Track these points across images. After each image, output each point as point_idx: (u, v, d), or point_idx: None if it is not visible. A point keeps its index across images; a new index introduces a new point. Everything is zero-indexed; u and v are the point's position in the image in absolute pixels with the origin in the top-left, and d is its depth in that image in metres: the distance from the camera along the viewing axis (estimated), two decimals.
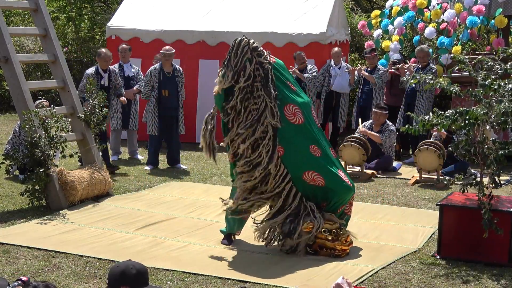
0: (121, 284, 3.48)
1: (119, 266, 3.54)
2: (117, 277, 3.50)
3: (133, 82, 11.10)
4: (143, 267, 3.57)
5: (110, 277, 3.54)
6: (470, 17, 11.17)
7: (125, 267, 3.52)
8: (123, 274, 3.49)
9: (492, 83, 6.60)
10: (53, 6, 19.89)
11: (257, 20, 12.43)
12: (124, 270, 3.50)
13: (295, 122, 6.60)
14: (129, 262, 3.58)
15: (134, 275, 3.49)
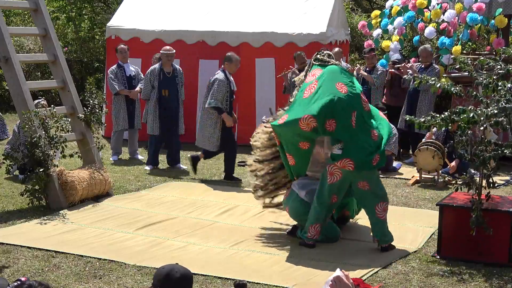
0: (163, 286, 3.43)
1: (164, 268, 3.48)
2: (160, 277, 3.44)
3: (135, 82, 11.12)
4: (187, 272, 3.49)
5: (155, 277, 3.48)
6: (470, 14, 11.17)
7: (169, 270, 3.46)
8: (167, 277, 3.43)
9: (490, 83, 6.60)
10: (53, 6, 19.90)
11: (257, 20, 12.43)
12: (168, 273, 3.45)
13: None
14: (175, 265, 3.50)
15: (177, 279, 3.43)
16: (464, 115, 6.33)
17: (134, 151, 11.24)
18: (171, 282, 3.43)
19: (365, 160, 6.60)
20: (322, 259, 6.47)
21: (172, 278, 3.43)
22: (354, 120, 6.65)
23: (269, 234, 7.27)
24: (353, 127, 6.63)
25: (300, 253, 6.64)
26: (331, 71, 6.88)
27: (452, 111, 6.55)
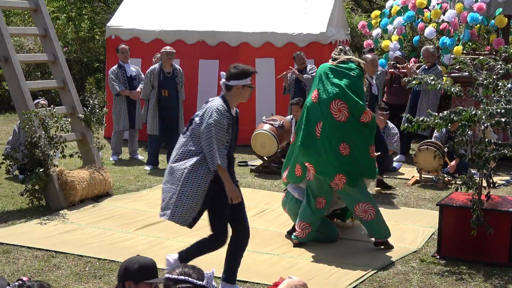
0: (124, 279, 3.48)
1: (124, 263, 3.56)
2: (121, 272, 3.52)
3: (136, 82, 11.12)
4: (148, 261, 3.55)
5: (118, 274, 3.55)
6: (471, 14, 11.16)
7: (129, 262, 3.53)
8: (126, 269, 3.50)
9: (490, 83, 6.61)
10: (53, 6, 19.89)
11: (257, 20, 12.43)
12: (127, 265, 3.51)
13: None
14: (135, 257, 3.58)
15: (136, 269, 3.49)
16: (465, 113, 6.34)
17: (134, 151, 11.24)
18: (131, 274, 3.47)
19: (326, 172, 6.64)
20: (322, 259, 6.47)
21: (131, 270, 3.49)
22: (319, 130, 6.65)
23: (269, 234, 7.27)
24: (317, 137, 6.64)
25: (300, 253, 6.64)
26: (317, 73, 7.05)
27: (451, 110, 6.56)
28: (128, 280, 3.48)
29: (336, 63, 6.93)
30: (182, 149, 5.41)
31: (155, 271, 3.55)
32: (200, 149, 5.33)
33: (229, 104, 5.38)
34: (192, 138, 5.37)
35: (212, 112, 5.28)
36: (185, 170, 5.31)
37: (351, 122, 6.65)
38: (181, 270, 3.15)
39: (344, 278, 5.97)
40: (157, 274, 3.55)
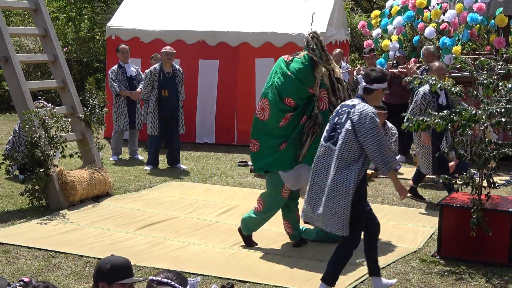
0: (98, 280, 3.48)
1: (98, 263, 3.56)
2: (94, 273, 3.52)
3: (136, 82, 11.12)
4: (120, 261, 3.54)
5: (94, 274, 3.55)
6: (471, 14, 11.17)
7: (101, 262, 3.52)
8: (99, 270, 3.50)
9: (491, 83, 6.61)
10: (53, 6, 19.90)
11: (257, 20, 12.43)
12: (100, 266, 3.51)
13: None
14: (108, 257, 3.56)
15: (108, 270, 3.48)
16: (465, 113, 6.34)
17: (134, 151, 11.24)
18: (103, 274, 3.47)
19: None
20: (322, 259, 6.47)
21: (103, 270, 3.48)
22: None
23: (269, 234, 7.26)
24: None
25: (300, 253, 6.64)
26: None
27: (451, 110, 6.56)
28: (101, 281, 3.46)
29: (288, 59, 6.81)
30: (340, 161, 5.30)
31: (130, 270, 3.51)
32: (355, 156, 5.30)
33: None
34: (346, 146, 5.31)
35: (369, 116, 5.31)
36: (351, 182, 5.26)
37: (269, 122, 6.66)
38: (165, 274, 3.21)
39: (344, 278, 5.97)
40: (131, 273, 3.52)
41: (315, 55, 6.66)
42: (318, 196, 5.42)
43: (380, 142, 5.24)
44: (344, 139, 5.30)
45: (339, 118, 5.44)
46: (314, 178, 5.47)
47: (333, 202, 5.28)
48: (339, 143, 5.32)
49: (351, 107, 5.40)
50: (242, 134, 11.86)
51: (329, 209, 5.31)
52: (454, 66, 11.26)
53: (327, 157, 5.40)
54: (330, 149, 5.39)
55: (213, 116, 12.49)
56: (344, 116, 5.39)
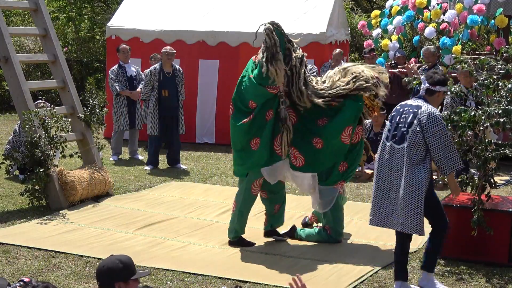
0: (114, 281, 3.47)
1: (104, 265, 3.54)
2: (105, 276, 3.50)
3: (136, 82, 11.13)
4: (126, 258, 3.56)
5: (100, 277, 3.52)
6: (470, 16, 11.17)
7: (111, 263, 3.51)
8: (111, 271, 3.49)
9: (491, 83, 6.62)
10: (53, 6, 19.91)
11: (257, 20, 12.28)
12: (111, 267, 3.50)
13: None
14: (113, 257, 3.56)
15: (122, 269, 3.48)
16: (465, 114, 6.34)
17: (134, 151, 11.24)
18: (119, 274, 3.49)
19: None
20: (322, 259, 6.47)
21: (117, 270, 3.53)
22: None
23: None
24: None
25: (300, 253, 6.64)
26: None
27: (452, 111, 6.56)
28: (118, 281, 3.47)
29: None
30: (409, 161, 5.45)
31: (134, 266, 3.56)
32: (422, 155, 5.47)
33: None
34: (414, 146, 5.46)
35: (437, 118, 5.47)
36: (423, 182, 5.45)
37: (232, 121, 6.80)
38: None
39: (344, 278, 5.97)
40: (135, 269, 3.57)
41: (268, 55, 6.65)
42: (387, 197, 5.57)
43: (447, 145, 5.45)
44: (412, 139, 5.47)
45: (401, 117, 5.58)
46: (380, 179, 5.61)
47: (408, 203, 5.45)
48: (407, 143, 5.48)
49: (416, 108, 5.54)
50: None
51: (406, 210, 5.47)
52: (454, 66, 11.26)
53: (390, 156, 5.55)
54: (392, 148, 5.56)
55: (213, 116, 12.49)
56: (408, 116, 5.53)
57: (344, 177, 6.95)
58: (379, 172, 5.62)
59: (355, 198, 8.70)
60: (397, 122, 5.58)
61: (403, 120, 5.54)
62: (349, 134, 6.74)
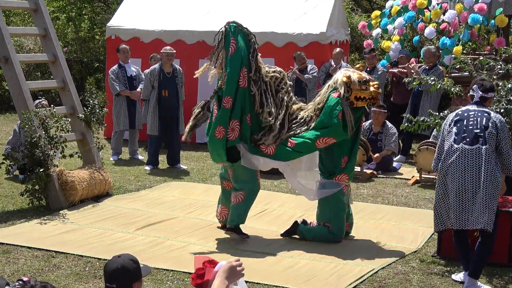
0: (132, 282, 3.43)
1: (119, 266, 3.43)
2: (121, 276, 3.41)
3: (136, 82, 11.13)
4: (134, 257, 3.52)
5: (117, 279, 3.42)
6: (472, 15, 11.17)
7: (127, 264, 3.44)
8: (127, 271, 3.43)
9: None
10: (53, 6, 19.90)
11: (257, 20, 12.42)
12: (126, 267, 3.43)
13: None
14: (123, 258, 3.49)
15: (136, 268, 3.45)
16: None
17: (134, 151, 11.24)
18: (135, 274, 3.46)
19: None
20: (322, 259, 6.47)
21: (133, 270, 3.45)
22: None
23: (269, 234, 7.27)
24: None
25: (300, 253, 6.64)
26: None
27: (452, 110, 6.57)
28: (135, 282, 3.43)
29: None
30: (487, 162, 5.72)
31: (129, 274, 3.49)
32: (494, 156, 5.80)
33: None
34: (490, 148, 5.77)
35: (504, 123, 5.91)
36: (499, 181, 5.79)
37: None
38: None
39: (344, 278, 5.97)
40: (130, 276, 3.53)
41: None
42: (465, 197, 5.74)
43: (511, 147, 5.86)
44: (489, 142, 5.77)
45: (469, 121, 5.85)
46: (453, 182, 5.77)
47: (489, 202, 5.72)
48: (486, 145, 5.74)
49: (486, 113, 5.87)
50: None
51: (485, 208, 5.70)
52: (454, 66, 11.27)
53: (462, 157, 5.76)
54: (464, 149, 5.76)
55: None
56: (481, 120, 5.82)
57: (346, 171, 7.03)
58: (451, 175, 5.78)
59: (355, 198, 8.70)
60: (465, 125, 5.83)
61: (472, 123, 5.82)
62: (324, 143, 6.91)
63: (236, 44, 7.04)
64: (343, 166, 7.02)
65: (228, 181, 7.24)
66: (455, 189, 5.75)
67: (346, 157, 7.03)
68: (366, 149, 10.07)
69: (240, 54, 7.02)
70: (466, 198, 5.72)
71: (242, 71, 7.03)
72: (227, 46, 7.10)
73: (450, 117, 6.00)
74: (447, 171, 5.82)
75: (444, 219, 5.90)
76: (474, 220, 5.70)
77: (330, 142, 6.89)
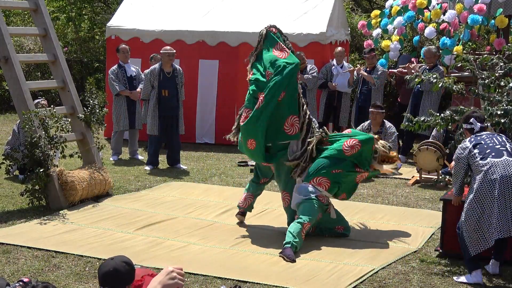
0: (126, 284, 3.43)
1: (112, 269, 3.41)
2: (117, 279, 3.42)
3: (136, 82, 11.13)
4: (128, 259, 3.52)
5: (110, 282, 3.42)
6: (471, 16, 11.17)
7: (119, 267, 3.43)
8: (122, 274, 3.43)
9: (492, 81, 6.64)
10: (53, 6, 19.89)
11: (257, 20, 12.41)
12: (119, 269, 3.43)
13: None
14: (116, 260, 3.49)
15: (130, 270, 3.45)
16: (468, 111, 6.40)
17: (134, 151, 11.24)
18: (130, 276, 3.45)
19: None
20: (322, 259, 6.47)
21: (126, 273, 3.46)
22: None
23: (269, 234, 7.27)
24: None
25: (300, 253, 6.63)
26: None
27: (453, 110, 6.58)
28: (129, 283, 3.44)
29: None
30: None
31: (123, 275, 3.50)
32: None
33: None
34: None
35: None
36: None
37: None
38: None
39: (344, 278, 5.97)
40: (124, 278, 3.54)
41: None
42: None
43: None
44: None
45: (486, 142, 6.08)
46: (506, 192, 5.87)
47: None
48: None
49: (493, 134, 6.20)
50: None
51: None
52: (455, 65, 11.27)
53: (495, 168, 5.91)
54: (494, 163, 5.92)
55: (213, 116, 12.49)
56: (492, 139, 6.09)
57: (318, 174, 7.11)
58: (495, 186, 5.86)
59: (355, 198, 8.70)
60: (485, 144, 6.05)
61: (490, 141, 6.06)
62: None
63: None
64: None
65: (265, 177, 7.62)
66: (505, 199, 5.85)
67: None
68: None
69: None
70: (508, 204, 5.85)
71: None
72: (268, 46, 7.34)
73: (466, 144, 6.12)
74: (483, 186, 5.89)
75: (487, 235, 5.87)
76: None
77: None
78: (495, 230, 5.80)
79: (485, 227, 5.85)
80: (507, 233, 5.80)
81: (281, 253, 6.52)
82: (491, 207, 5.83)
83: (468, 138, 6.18)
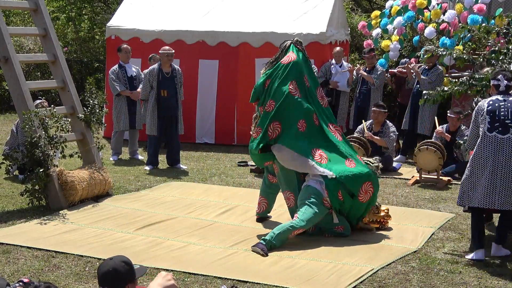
0: (125, 284, 3.43)
1: (111, 269, 3.41)
2: (116, 279, 3.42)
3: (136, 82, 11.13)
4: (127, 259, 3.52)
5: (109, 282, 3.42)
6: (471, 16, 11.17)
7: (118, 266, 3.43)
8: (121, 274, 3.43)
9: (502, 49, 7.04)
10: (53, 6, 19.90)
11: (257, 20, 12.44)
12: (118, 269, 3.42)
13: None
14: (115, 260, 3.48)
15: (129, 270, 3.45)
16: (486, 77, 6.97)
17: (134, 151, 11.24)
18: (129, 275, 3.46)
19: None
20: (322, 259, 6.47)
21: (125, 272, 3.45)
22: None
23: None
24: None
25: (300, 253, 6.63)
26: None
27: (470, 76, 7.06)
28: (128, 283, 3.43)
29: None
30: None
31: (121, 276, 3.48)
32: None
33: None
34: None
35: None
36: None
37: None
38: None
39: (344, 278, 5.97)
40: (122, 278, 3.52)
41: None
42: (499, 182, 6.19)
43: None
44: None
45: (500, 111, 6.24)
46: (493, 166, 6.19)
47: None
48: None
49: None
50: (242, 134, 11.85)
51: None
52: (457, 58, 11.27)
53: (494, 145, 6.21)
54: (497, 138, 6.21)
55: (213, 116, 12.50)
56: (507, 111, 6.23)
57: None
58: (489, 161, 6.19)
59: None
60: (498, 115, 6.24)
61: (504, 113, 6.24)
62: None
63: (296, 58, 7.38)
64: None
65: (273, 175, 7.60)
66: (492, 173, 6.17)
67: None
68: (366, 149, 10.06)
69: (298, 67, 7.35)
70: (497, 181, 6.16)
71: (292, 82, 7.31)
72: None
73: (484, 105, 6.34)
74: (485, 157, 6.21)
75: (469, 196, 6.33)
76: (503, 202, 6.18)
77: None
78: (477, 199, 6.24)
79: (469, 187, 6.34)
80: (490, 205, 6.19)
81: (253, 246, 6.67)
82: (479, 177, 6.26)
83: (488, 100, 6.37)
